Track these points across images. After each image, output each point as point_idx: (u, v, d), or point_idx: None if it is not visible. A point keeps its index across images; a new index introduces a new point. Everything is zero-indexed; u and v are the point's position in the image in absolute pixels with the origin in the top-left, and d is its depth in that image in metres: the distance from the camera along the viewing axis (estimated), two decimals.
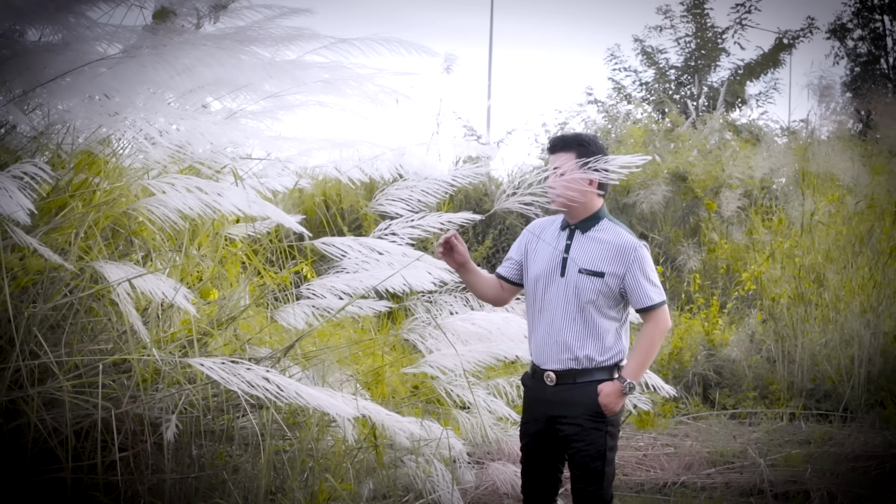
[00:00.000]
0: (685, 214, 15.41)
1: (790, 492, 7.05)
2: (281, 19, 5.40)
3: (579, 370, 4.78)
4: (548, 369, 4.83)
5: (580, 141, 4.83)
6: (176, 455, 5.13)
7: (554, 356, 4.81)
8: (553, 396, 4.82)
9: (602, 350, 4.78)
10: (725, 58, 32.75)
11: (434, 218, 5.66)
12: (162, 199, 4.70)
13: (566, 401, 4.78)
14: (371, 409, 5.20)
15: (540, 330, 4.86)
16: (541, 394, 4.87)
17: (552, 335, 4.81)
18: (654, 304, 4.80)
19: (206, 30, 5.53)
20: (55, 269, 4.87)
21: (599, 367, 4.79)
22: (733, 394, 10.23)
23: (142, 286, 4.72)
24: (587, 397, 4.76)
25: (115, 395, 4.86)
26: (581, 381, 4.78)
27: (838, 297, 10.82)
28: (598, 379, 4.78)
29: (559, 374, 4.80)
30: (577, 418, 4.76)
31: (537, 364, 4.89)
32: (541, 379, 4.86)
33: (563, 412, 4.79)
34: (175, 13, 5.53)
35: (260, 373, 4.34)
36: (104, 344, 5.14)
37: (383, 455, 6.07)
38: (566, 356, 4.78)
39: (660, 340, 4.88)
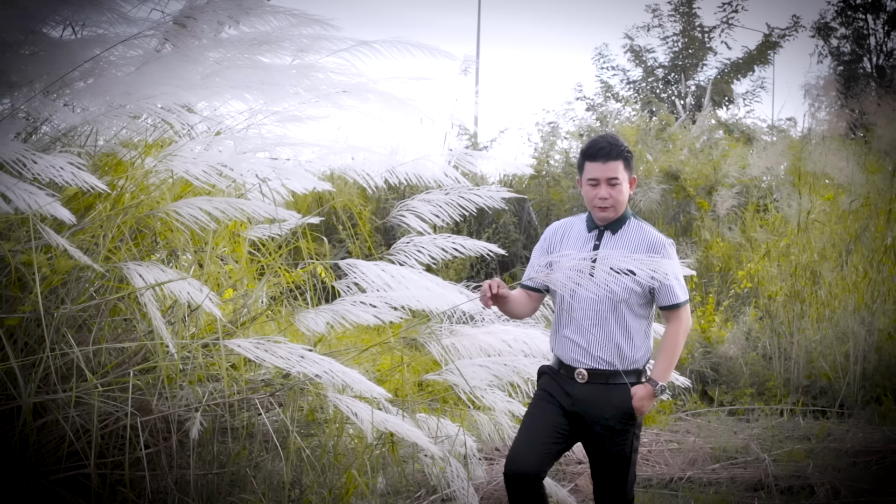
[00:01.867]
0: (676, 213, 15.53)
1: (794, 486, 7.17)
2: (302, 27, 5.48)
3: (611, 371, 4.84)
4: (579, 367, 4.88)
5: (627, 149, 4.93)
6: (199, 452, 5.21)
7: (586, 355, 4.86)
8: (583, 394, 4.87)
9: (633, 350, 4.84)
10: (713, 57, 32.94)
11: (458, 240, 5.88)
12: (190, 202, 4.80)
13: (598, 402, 4.84)
14: (392, 423, 5.26)
15: (570, 329, 4.90)
16: (569, 389, 4.90)
17: (584, 335, 4.86)
18: (681, 303, 4.88)
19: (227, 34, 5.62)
20: (83, 269, 4.96)
21: (630, 370, 4.85)
22: (730, 390, 10.34)
23: (168, 288, 4.81)
24: (619, 400, 4.82)
25: (142, 394, 4.94)
26: (613, 383, 4.84)
27: (833, 294, 10.96)
28: (629, 382, 4.84)
29: (592, 373, 4.85)
30: (608, 420, 4.82)
31: (566, 362, 4.93)
32: (570, 376, 4.90)
33: (594, 412, 4.84)
34: (196, 18, 5.60)
35: (297, 351, 4.45)
36: (130, 343, 5.22)
37: (398, 451, 6.16)
38: (599, 356, 4.84)
39: (684, 339, 4.95)
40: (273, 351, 4.55)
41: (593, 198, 4.89)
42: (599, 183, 4.86)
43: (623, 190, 4.89)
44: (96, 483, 4.76)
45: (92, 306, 5.04)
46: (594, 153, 4.89)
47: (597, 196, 4.87)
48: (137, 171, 5.25)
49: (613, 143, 4.90)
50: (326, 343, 6.26)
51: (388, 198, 14.53)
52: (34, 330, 4.92)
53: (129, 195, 5.15)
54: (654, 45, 33.32)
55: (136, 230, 5.30)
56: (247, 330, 5.71)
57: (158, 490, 5.19)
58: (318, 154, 5.92)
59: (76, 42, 5.28)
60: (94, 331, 5.00)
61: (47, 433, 4.89)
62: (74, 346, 4.73)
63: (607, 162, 4.86)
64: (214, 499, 5.25)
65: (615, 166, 4.86)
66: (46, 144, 5.44)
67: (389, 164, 6.11)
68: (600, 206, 4.88)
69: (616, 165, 4.86)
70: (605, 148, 4.88)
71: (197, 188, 5.35)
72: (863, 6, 37.04)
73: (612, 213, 4.89)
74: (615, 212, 4.90)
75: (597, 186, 4.87)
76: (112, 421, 4.92)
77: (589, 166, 4.90)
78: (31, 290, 4.77)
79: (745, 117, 25.59)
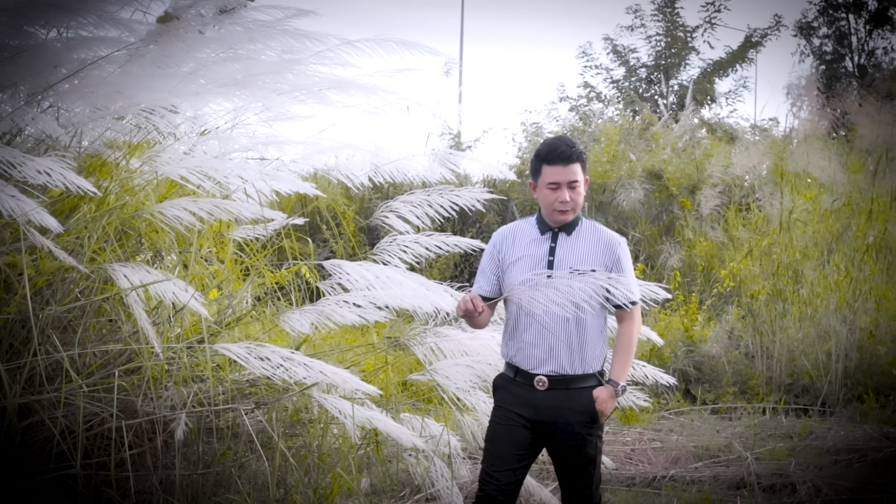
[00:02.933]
0: (659, 212, 15.59)
1: (777, 485, 7.21)
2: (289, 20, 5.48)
3: (572, 376, 4.80)
4: (539, 373, 4.81)
5: (582, 151, 4.89)
6: (184, 452, 5.22)
7: (546, 360, 4.80)
8: (544, 401, 4.81)
9: (593, 352, 4.81)
10: (695, 56, 33.03)
11: (440, 238, 5.89)
12: (175, 202, 4.81)
13: (561, 407, 4.79)
14: (378, 420, 5.28)
15: (529, 333, 4.83)
16: (528, 397, 4.83)
17: (545, 339, 4.81)
18: (636, 301, 4.89)
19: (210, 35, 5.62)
20: (68, 270, 4.96)
21: (589, 373, 4.82)
22: (713, 389, 10.39)
23: (154, 289, 4.82)
24: (582, 404, 4.79)
25: (127, 395, 4.95)
26: (574, 387, 4.80)
27: (815, 293, 11.03)
28: (590, 385, 4.81)
29: (552, 378, 4.80)
30: (572, 425, 4.78)
31: (524, 368, 4.85)
32: (529, 383, 4.83)
33: (557, 418, 4.79)
34: (178, 17, 5.61)
35: (284, 354, 4.46)
36: (115, 344, 5.23)
37: (382, 451, 6.18)
38: (560, 360, 4.78)
39: (637, 337, 4.96)
40: (262, 355, 4.55)
41: (553, 201, 4.82)
42: (560, 186, 4.80)
43: (581, 192, 4.86)
44: (82, 483, 4.77)
45: (77, 307, 5.05)
46: (555, 157, 4.83)
47: (557, 199, 4.80)
48: (122, 173, 5.26)
49: (571, 145, 4.85)
50: (311, 343, 6.28)
51: (372, 197, 14.56)
52: (19, 331, 4.92)
53: (113, 196, 5.16)
54: (637, 45, 33.40)
55: (120, 231, 5.31)
56: (232, 330, 5.73)
57: (143, 490, 5.19)
58: (304, 153, 5.94)
59: (60, 44, 5.28)
60: (79, 332, 5.01)
61: (32, 434, 4.90)
62: (60, 347, 4.73)
63: (568, 165, 4.81)
64: (199, 499, 5.26)
65: (575, 169, 4.82)
66: (31, 146, 5.44)
67: (373, 163, 6.14)
68: (561, 210, 4.82)
69: (576, 168, 4.82)
70: (565, 151, 4.82)
71: (182, 189, 5.36)
72: (844, 5, 37.19)
73: (572, 215, 4.85)
74: (574, 214, 4.86)
75: (557, 190, 4.81)
76: (97, 422, 4.92)
77: (548, 170, 4.84)
78: (16, 292, 4.78)
79: (727, 117, 25.70)
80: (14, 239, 4.80)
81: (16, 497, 4.75)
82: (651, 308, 11.85)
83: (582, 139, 18.54)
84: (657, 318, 11.95)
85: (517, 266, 4.87)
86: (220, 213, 5.08)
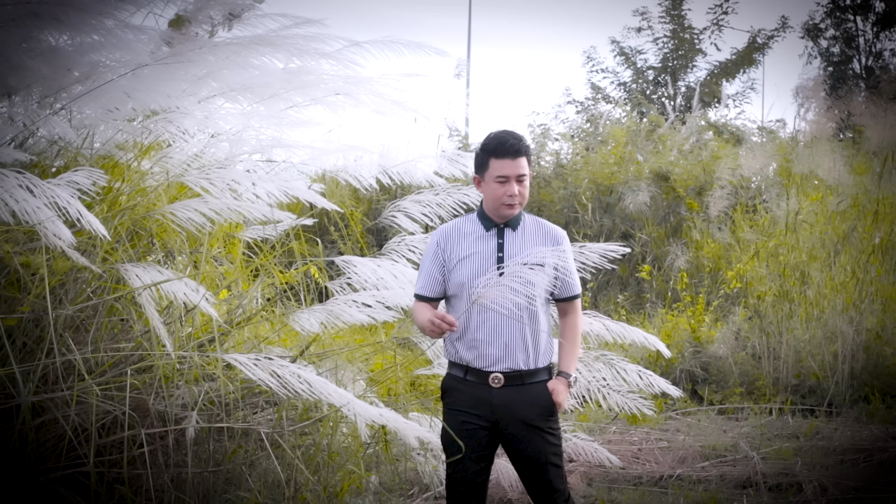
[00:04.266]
0: (667, 214, 15.62)
1: (783, 484, 7.25)
2: (296, 28, 5.55)
3: (527, 371, 4.79)
4: (494, 371, 4.78)
5: (529, 145, 4.88)
6: (195, 450, 5.27)
7: (502, 357, 4.77)
8: (501, 399, 4.78)
9: (544, 347, 4.82)
10: (702, 58, 33.06)
11: None
12: (186, 204, 4.87)
13: (519, 403, 4.78)
14: (389, 417, 5.31)
15: (482, 332, 4.79)
16: (484, 396, 4.80)
17: (500, 336, 4.77)
18: (579, 294, 4.95)
19: (221, 36, 5.69)
20: (80, 270, 5.02)
21: (541, 367, 4.83)
22: (720, 390, 10.42)
23: (165, 288, 4.88)
24: (538, 398, 4.79)
25: (139, 393, 5.00)
26: (529, 382, 4.79)
27: (822, 294, 11.05)
28: (543, 379, 4.83)
29: (508, 375, 4.77)
30: (533, 420, 4.77)
31: (478, 367, 4.81)
32: (483, 382, 4.79)
33: (516, 415, 4.78)
34: (190, 21, 5.68)
35: (293, 369, 4.48)
36: (126, 343, 5.29)
37: (391, 449, 6.23)
38: (515, 356, 4.77)
39: (581, 328, 5.02)
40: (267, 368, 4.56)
41: (501, 195, 4.77)
42: (509, 180, 4.77)
43: (528, 186, 4.84)
44: (94, 481, 4.82)
45: (89, 307, 5.10)
46: (503, 150, 4.79)
47: (506, 193, 4.76)
48: (134, 174, 5.32)
49: (519, 139, 4.82)
50: (320, 343, 6.33)
51: (380, 198, 14.61)
52: (32, 330, 4.98)
53: (125, 197, 5.22)
54: (644, 47, 33.45)
55: (132, 231, 5.37)
56: (242, 330, 5.78)
57: (155, 488, 5.25)
58: (312, 155, 6.00)
59: (73, 47, 5.34)
60: (91, 331, 5.07)
61: (45, 432, 4.95)
62: (73, 346, 4.79)
63: (516, 159, 4.78)
64: (211, 496, 5.31)
65: (523, 163, 4.79)
66: (44, 147, 5.51)
67: (381, 164, 6.20)
68: (508, 204, 4.78)
69: (523, 162, 4.80)
70: (514, 144, 4.79)
71: (193, 189, 5.42)
72: (851, 7, 37.19)
73: (518, 209, 4.83)
74: (520, 208, 4.85)
75: (505, 183, 4.77)
76: (110, 420, 4.98)
77: (496, 163, 4.79)
78: (30, 291, 4.83)
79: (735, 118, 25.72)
80: (28, 239, 4.85)
81: (29, 494, 4.81)
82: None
83: (589, 141, 18.60)
84: (664, 319, 12.00)
85: (465, 264, 4.83)
86: (231, 215, 5.14)
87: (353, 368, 6.08)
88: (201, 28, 5.70)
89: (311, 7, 37.12)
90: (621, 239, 15.53)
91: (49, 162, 5.55)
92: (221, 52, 5.44)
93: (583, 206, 15.66)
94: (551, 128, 19.16)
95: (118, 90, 5.17)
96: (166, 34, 5.52)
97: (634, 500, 6.97)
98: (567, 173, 16.77)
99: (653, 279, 13.73)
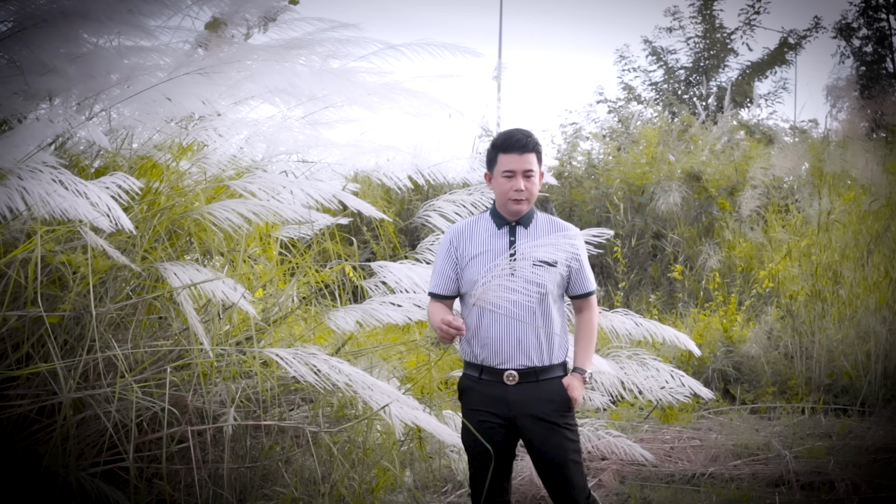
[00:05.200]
0: (698, 214, 15.62)
1: (815, 482, 7.26)
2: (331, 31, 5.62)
3: (541, 367, 4.80)
4: (509, 369, 4.80)
5: (538, 143, 4.88)
6: (232, 446, 5.35)
7: (516, 354, 4.79)
8: (517, 396, 4.80)
9: (558, 342, 4.83)
10: (734, 58, 32.97)
11: None
12: (225, 204, 4.95)
13: (534, 400, 4.79)
14: (424, 420, 5.35)
15: (494, 330, 4.80)
16: (500, 394, 4.82)
17: (513, 334, 4.78)
18: (593, 290, 4.94)
19: (257, 40, 5.77)
20: (120, 269, 5.11)
21: (557, 364, 4.84)
22: (752, 389, 10.42)
23: (204, 287, 4.96)
24: (554, 394, 4.80)
25: (178, 390, 5.09)
26: (544, 378, 4.80)
27: (854, 294, 11.03)
28: (558, 375, 4.84)
29: (522, 372, 4.78)
30: (549, 415, 4.78)
31: (492, 365, 4.83)
32: (498, 380, 4.81)
33: (532, 412, 4.79)
34: (226, 23, 5.76)
35: (333, 363, 4.55)
36: (164, 341, 5.38)
37: (425, 447, 6.29)
38: (530, 353, 4.78)
39: (597, 324, 4.99)
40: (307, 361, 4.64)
41: (508, 190, 4.80)
42: (515, 175, 4.79)
43: (536, 182, 4.84)
44: (134, 475, 4.90)
45: (129, 305, 5.19)
46: (510, 145, 4.81)
47: (512, 188, 4.78)
48: (172, 174, 5.41)
49: (528, 135, 4.84)
50: (355, 341, 6.41)
51: (412, 199, 14.68)
52: (73, 328, 5.07)
53: (164, 197, 5.30)
54: (676, 47, 33.40)
55: (171, 231, 5.45)
56: (278, 328, 5.86)
57: (193, 484, 5.33)
58: (346, 155, 6.07)
59: (112, 49, 5.43)
60: (131, 328, 5.15)
61: (86, 427, 5.04)
62: (114, 344, 4.88)
63: (523, 154, 4.80)
64: (247, 492, 5.39)
65: (530, 158, 4.80)
66: (83, 149, 5.60)
67: (414, 164, 6.27)
68: (515, 199, 4.80)
69: (531, 158, 4.80)
70: (520, 140, 4.81)
71: (229, 189, 5.50)
72: (885, 6, 36.97)
73: (526, 205, 4.83)
74: (528, 204, 4.84)
75: (512, 178, 4.79)
76: (148, 416, 5.07)
77: (503, 158, 4.82)
78: (71, 289, 4.93)
79: (767, 118, 25.65)
80: (69, 238, 4.95)
81: (70, 488, 4.90)
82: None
83: (621, 140, 18.60)
84: (696, 319, 12.01)
85: (477, 262, 4.84)
86: (267, 215, 5.21)
87: (387, 366, 6.14)
88: (237, 30, 5.77)
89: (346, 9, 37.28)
90: (653, 239, 15.55)
91: (88, 163, 5.64)
92: (258, 55, 5.51)
93: (614, 207, 15.68)
94: (583, 127, 19.18)
95: (157, 93, 5.25)
96: (203, 36, 5.60)
97: (667, 498, 7.00)
98: (599, 173, 16.80)
99: (685, 279, 13.74)
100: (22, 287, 4.71)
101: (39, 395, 4.93)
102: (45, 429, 4.98)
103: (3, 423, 4.92)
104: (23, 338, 4.85)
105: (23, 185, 4.18)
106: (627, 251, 14.97)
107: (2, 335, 4.75)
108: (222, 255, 5.70)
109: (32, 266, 4.58)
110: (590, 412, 8.47)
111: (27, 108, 5.21)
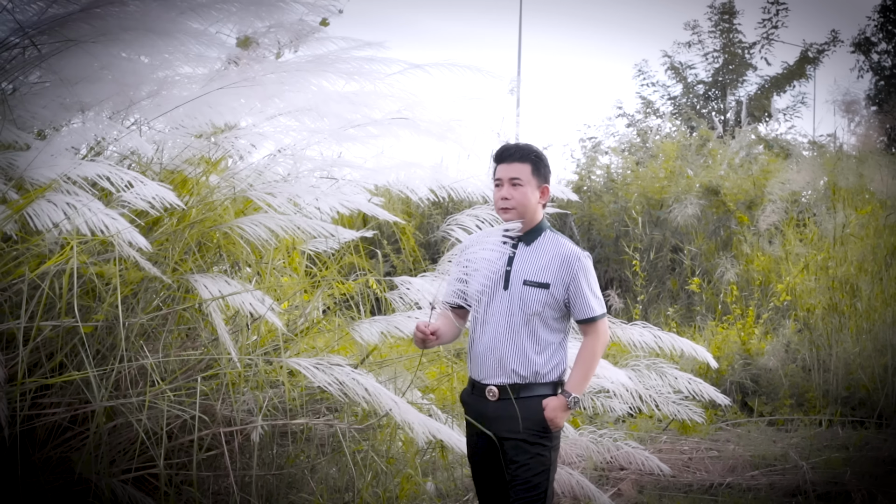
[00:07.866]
0: (717, 228, 15.70)
1: (832, 493, 7.35)
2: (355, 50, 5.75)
3: (523, 385, 4.74)
4: (490, 384, 4.77)
5: (537, 153, 4.86)
6: (259, 454, 5.47)
7: (496, 370, 4.76)
8: (494, 412, 4.77)
9: (545, 364, 4.75)
10: (752, 73, 32.98)
11: None
12: (254, 218, 5.11)
13: (509, 416, 4.72)
14: (444, 433, 5.42)
15: (482, 344, 4.80)
16: (482, 409, 4.82)
17: (496, 349, 4.75)
18: (596, 316, 4.79)
19: (287, 58, 5.91)
20: (151, 280, 5.25)
21: (542, 382, 4.76)
22: (770, 401, 10.50)
23: (232, 299, 5.10)
24: (531, 412, 4.72)
25: (206, 399, 5.22)
26: (524, 396, 4.73)
27: (871, 307, 11.10)
28: (541, 394, 4.75)
29: (502, 388, 4.75)
30: (521, 434, 4.70)
31: (477, 379, 4.83)
32: (482, 394, 4.81)
33: (506, 427, 4.73)
34: (258, 42, 5.89)
35: (353, 375, 4.66)
36: (194, 351, 5.52)
37: (447, 455, 6.40)
38: (510, 370, 4.73)
39: (601, 353, 4.87)
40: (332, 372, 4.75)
41: (497, 199, 4.82)
42: (502, 183, 4.80)
43: (526, 193, 4.78)
44: (164, 482, 5.03)
45: (160, 315, 5.33)
46: (499, 155, 4.85)
47: (499, 196, 4.80)
48: (202, 188, 5.55)
49: (522, 146, 4.85)
50: (378, 352, 6.53)
51: (433, 213, 14.81)
52: (106, 338, 5.21)
53: (195, 210, 5.44)
54: (695, 62, 33.44)
55: (200, 243, 5.59)
56: (304, 338, 6.00)
57: (221, 491, 5.46)
58: (370, 171, 6.20)
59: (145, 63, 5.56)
60: (161, 339, 5.29)
61: (118, 435, 5.18)
62: (147, 353, 5.02)
63: (511, 163, 4.79)
64: (274, 499, 5.51)
65: (519, 167, 4.77)
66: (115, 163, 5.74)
67: (436, 179, 6.39)
68: (501, 207, 4.80)
69: (520, 167, 4.78)
70: (510, 149, 4.83)
71: (256, 204, 5.63)
72: None
73: (514, 214, 4.78)
74: (517, 214, 4.78)
75: (500, 187, 4.80)
76: (178, 424, 5.20)
77: (496, 168, 4.85)
78: (104, 300, 5.06)
79: (786, 133, 25.70)
80: (103, 250, 5.09)
81: (103, 493, 5.03)
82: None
83: (640, 155, 18.70)
84: (714, 332, 12.10)
85: (476, 274, 4.81)
86: (294, 229, 5.34)
87: (410, 377, 6.26)
88: (268, 50, 5.90)
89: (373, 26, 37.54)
90: (672, 252, 15.64)
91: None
92: (286, 73, 5.65)
93: (633, 220, 15.78)
94: (602, 141, 19.29)
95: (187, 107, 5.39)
96: (234, 52, 5.73)
97: None
98: (618, 187, 16.89)
99: (703, 292, 13.82)
100: (56, 298, 4.84)
101: (72, 404, 5.06)
102: (78, 436, 5.11)
103: (38, 431, 5.06)
104: (57, 347, 4.97)
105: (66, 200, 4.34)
106: (646, 264, 15.07)
107: (37, 345, 4.88)
108: (249, 266, 5.83)
109: (67, 277, 4.71)
110: (608, 423, 8.58)
111: (61, 118, 5.34)
